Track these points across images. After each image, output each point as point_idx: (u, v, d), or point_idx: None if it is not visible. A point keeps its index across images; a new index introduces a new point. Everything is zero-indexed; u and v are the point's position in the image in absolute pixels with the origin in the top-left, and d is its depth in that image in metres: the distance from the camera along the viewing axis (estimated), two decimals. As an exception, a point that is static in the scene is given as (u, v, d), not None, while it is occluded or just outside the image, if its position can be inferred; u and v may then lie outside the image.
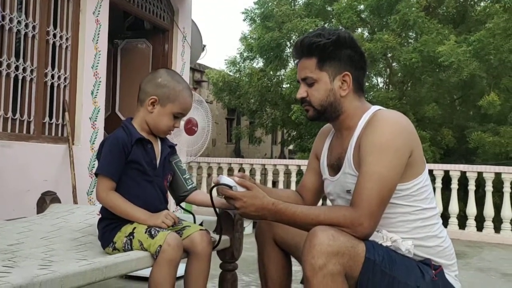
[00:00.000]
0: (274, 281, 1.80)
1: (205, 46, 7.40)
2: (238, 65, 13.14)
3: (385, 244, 1.51)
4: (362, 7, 11.75)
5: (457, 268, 1.64)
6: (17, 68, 3.75)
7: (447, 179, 5.90)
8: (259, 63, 13.22)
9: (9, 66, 3.68)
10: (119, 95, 5.99)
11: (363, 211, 1.45)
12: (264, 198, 1.53)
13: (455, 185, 5.80)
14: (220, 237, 1.83)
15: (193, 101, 5.06)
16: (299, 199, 1.84)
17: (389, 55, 11.51)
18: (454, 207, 5.77)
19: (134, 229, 1.69)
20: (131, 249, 1.67)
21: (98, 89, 4.49)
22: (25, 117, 3.84)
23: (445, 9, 12.39)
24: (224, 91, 12.64)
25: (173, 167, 1.90)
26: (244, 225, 2.08)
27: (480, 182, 5.95)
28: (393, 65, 12.34)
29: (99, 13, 4.47)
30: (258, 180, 6.72)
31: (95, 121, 4.46)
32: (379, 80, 13.33)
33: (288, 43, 11.93)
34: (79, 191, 4.03)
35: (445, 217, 5.58)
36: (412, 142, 1.54)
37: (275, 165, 6.80)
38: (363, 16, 12.28)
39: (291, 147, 15.77)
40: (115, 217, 1.73)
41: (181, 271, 1.71)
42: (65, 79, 4.22)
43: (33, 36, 3.90)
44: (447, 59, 9.45)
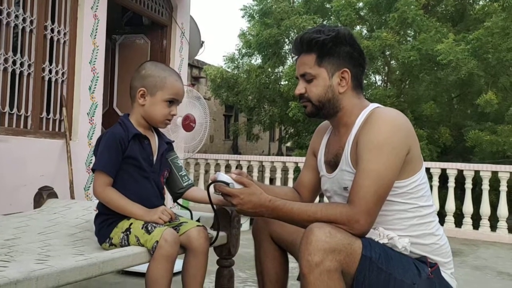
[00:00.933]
0: (271, 278, 1.80)
1: (203, 42, 7.38)
2: (236, 62, 13.15)
3: (381, 241, 1.51)
4: (361, 4, 11.76)
5: (453, 266, 1.64)
6: (14, 62, 3.74)
7: (444, 177, 5.92)
8: (257, 60, 13.24)
9: (6, 60, 3.67)
10: (116, 91, 5.97)
11: (360, 208, 1.45)
12: (261, 195, 1.54)
13: (452, 184, 5.81)
14: (217, 234, 1.84)
15: (191, 97, 5.08)
16: (296, 196, 1.84)
17: (388, 53, 11.53)
18: (450, 205, 5.79)
19: (130, 224, 1.69)
20: (128, 245, 1.67)
21: (95, 85, 4.48)
22: (23, 112, 3.83)
23: (444, 7, 12.42)
24: (222, 88, 12.64)
25: (169, 164, 1.91)
26: (241, 222, 2.08)
27: (477, 180, 5.96)
28: (391, 63, 12.35)
29: (97, 8, 4.45)
30: (255, 177, 6.72)
31: (93, 116, 4.45)
32: (377, 78, 13.35)
33: (286, 40, 11.94)
34: (76, 187, 4.03)
35: (442, 215, 5.59)
36: (409, 140, 1.54)
37: (273, 162, 6.81)
38: (362, 13, 12.29)
39: (288, 144, 15.79)
40: (112, 213, 1.73)
41: (178, 266, 1.71)
42: (63, 74, 4.21)
43: (31, 30, 3.88)
44: (445, 57, 9.47)
